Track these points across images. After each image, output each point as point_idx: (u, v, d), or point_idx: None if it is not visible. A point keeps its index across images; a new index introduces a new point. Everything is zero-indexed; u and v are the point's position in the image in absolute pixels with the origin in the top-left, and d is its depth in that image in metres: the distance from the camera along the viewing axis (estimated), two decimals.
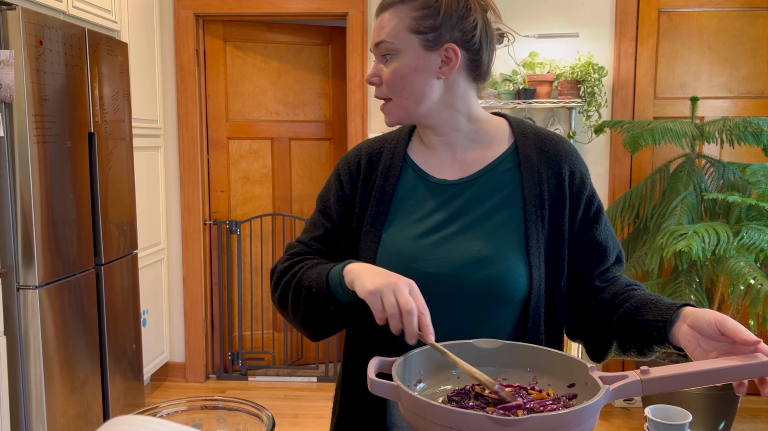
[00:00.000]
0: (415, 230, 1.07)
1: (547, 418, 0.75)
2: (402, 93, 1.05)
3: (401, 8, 1.03)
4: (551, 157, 1.09)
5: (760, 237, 2.56)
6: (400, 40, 1.03)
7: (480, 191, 1.08)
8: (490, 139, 1.11)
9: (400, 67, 1.04)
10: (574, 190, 1.09)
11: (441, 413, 0.76)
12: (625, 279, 1.13)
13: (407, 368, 0.94)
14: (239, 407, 0.94)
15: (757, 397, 3.53)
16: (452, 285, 1.03)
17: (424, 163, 1.12)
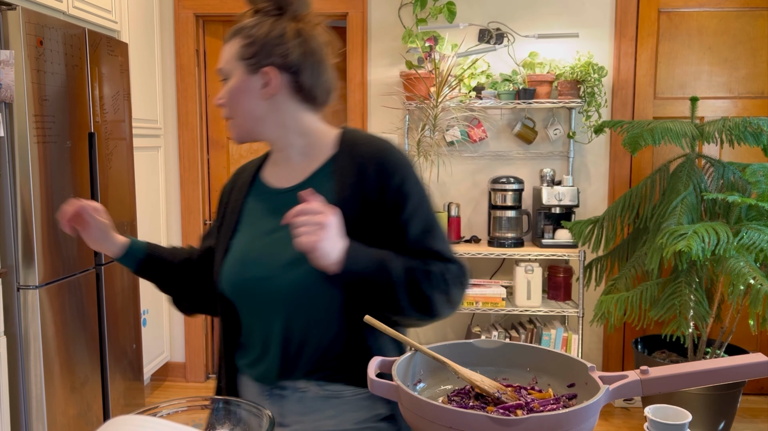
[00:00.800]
0: (252, 235, 1.21)
1: (547, 418, 0.75)
2: (236, 112, 1.20)
3: (234, 40, 1.21)
4: (361, 161, 1.17)
5: (759, 237, 2.56)
6: (231, 66, 1.20)
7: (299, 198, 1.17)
8: (318, 151, 1.22)
9: (231, 89, 1.19)
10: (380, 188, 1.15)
11: (441, 413, 0.76)
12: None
13: (407, 368, 0.94)
14: (239, 407, 0.94)
15: (757, 397, 3.53)
16: (274, 284, 1.14)
17: (269, 177, 1.27)
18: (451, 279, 1.14)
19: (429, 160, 3.45)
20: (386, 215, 1.15)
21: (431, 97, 3.23)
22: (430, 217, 1.17)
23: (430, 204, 1.19)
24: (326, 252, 1.03)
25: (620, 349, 3.61)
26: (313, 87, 1.20)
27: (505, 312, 3.30)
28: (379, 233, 1.15)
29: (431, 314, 1.13)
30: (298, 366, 1.16)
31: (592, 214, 3.51)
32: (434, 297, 1.11)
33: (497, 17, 3.46)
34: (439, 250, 1.16)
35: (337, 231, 1.05)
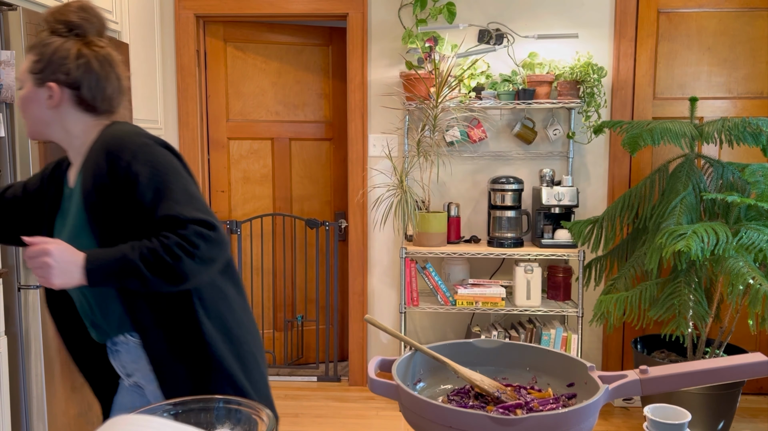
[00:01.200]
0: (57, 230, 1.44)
1: (546, 417, 0.75)
2: (27, 116, 1.41)
3: (29, 54, 1.39)
4: (96, 153, 1.34)
5: (759, 237, 2.56)
6: (23, 77, 1.39)
7: (74, 196, 1.41)
8: (84, 152, 1.42)
9: (21, 98, 1.40)
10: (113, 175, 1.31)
11: (441, 412, 0.76)
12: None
13: (407, 368, 0.94)
14: (239, 406, 0.95)
15: (756, 397, 3.53)
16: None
17: (71, 173, 1.47)
18: (194, 240, 1.24)
19: (429, 160, 3.45)
20: (124, 196, 1.29)
21: (431, 97, 3.24)
22: (165, 187, 1.28)
23: (165, 176, 1.30)
24: (64, 281, 1.22)
25: (619, 349, 3.61)
26: (94, 99, 1.39)
27: (504, 312, 3.31)
28: (125, 213, 1.31)
29: (185, 280, 1.26)
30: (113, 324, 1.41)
31: (592, 214, 3.52)
32: (182, 266, 1.24)
33: (497, 18, 3.46)
34: (177, 214, 1.26)
35: (64, 258, 1.22)
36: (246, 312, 1.47)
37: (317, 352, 3.98)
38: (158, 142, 1.35)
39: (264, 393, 1.45)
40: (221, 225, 1.30)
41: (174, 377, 1.34)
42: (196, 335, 1.34)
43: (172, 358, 1.34)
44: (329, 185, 4.05)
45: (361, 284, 3.67)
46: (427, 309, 3.33)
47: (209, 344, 1.34)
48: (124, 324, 1.40)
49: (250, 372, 1.41)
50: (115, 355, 1.45)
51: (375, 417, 3.31)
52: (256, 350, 1.45)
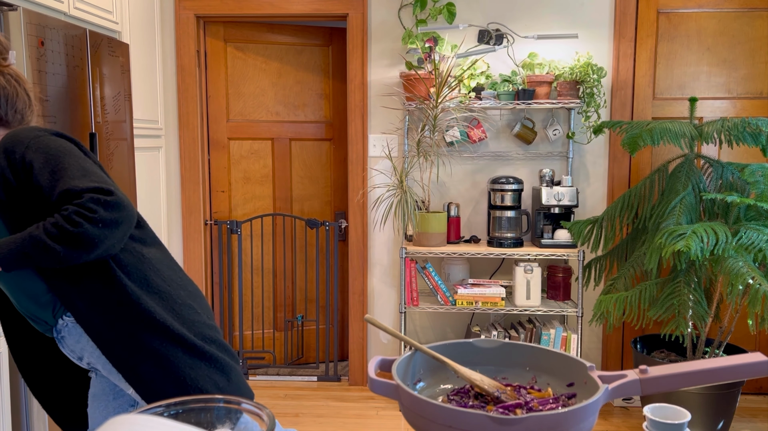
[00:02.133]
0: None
1: (546, 417, 0.76)
2: None
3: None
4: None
5: (758, 237, 2.56)
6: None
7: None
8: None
9: None
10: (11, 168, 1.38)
11: (441, 412, 0.77)
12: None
13: (407, 367, 0.95)
14: (240, 406, 0.95)
15: (755, 396, 3.54)
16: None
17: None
18: (90, 206, 1.31)
19: (429, 161, 3.46)
20: (24, 186, 1.37)
21: (431, 97, 3.24)
22: (59, 168, 1.36)
23: (58, 158, 1.37)
24: None
25: (619, 349, 3.62)
26: (6, 115, 1.50)
27: (504, 312, 3.31)
28: (30, 203, 1.37)
29: (94, 245, 1.31)
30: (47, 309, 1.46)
31: (591, 214, 3.52)
32: (85, 232, 1.29)
33: (497, 18, 3.46)
34: (72, 187, 1.33)
35: None
36: (174, 270, 1.54)
37: (317, 352, 3.98)
38: (51, 132, 1.43)
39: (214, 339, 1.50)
40: (120, 191, 1.37)
41: (114, 343, 1.40)
42: (122, 298, 1.40)
43: (107, 326, 1.40)
44: (329, 185, 4.05)
45: (361, 284, 3.67)
46: (427, 309, 3.34)
47: (137, 302, 1.40)
48: (57, 307, 1.47)
49: (191, 322, 1.47)
50: (62, 342, 1.50)
51: (375, 417, 3.32)
52: (192, 301, 1.51)
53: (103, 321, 1.40)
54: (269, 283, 3.96)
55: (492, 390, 0.92)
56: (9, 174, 1.38)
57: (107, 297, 1.40)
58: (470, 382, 0.93)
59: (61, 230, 1.29)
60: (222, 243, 3.83)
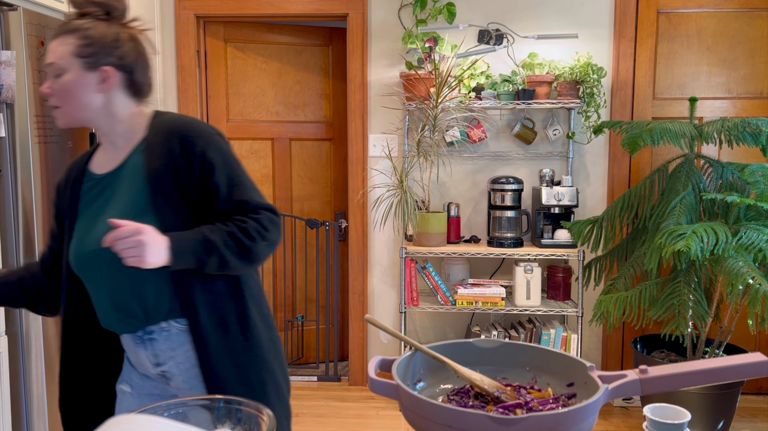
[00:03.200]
0: (87, 219, 1.39)
1: (546, 417, 0.76)
2: (69, 103, 1.35)
3: (67, 38, 1.33)
4: (171, 137, 1.36)
5: (758, 237, 2.56)
6: (66, 62, 1.33)
7: (120, 178, 1.38)
8: (132, 136, 1.41)
9: (66, 83, 1.34)
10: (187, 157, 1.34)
11: (441, 412, 0.77)
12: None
13: (407, 367, 0.95)
14: (240, 406, 0.95)
15: (755, 396, 3.54)
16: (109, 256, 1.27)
17: (95, 165, 1.44)
18: (266, 224, 1.34)
19: (429, 161, 3.45)
20: (197, 182, 1.34)
21: (431, 97, 3.24)
22: (237, 174, 1.38)
23: (236, 164, 1.39)
24: (153, 261, 1.23)
25: (619, 349, 3.62)
26: (143, 84, 1.42)
27: (504, 312, 3.31)
28: (191, 195, 1.35)
29: (256, 261, 1.35)
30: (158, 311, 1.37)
31: (591, 214, 3.52)
32: (256, 248, 1.33)
33: (497, 18, 3.46)
34: (249, 199, 1.36)
35: (154, 239, 1.23)
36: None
37: (317, 352, 3.98)
38: (220, 133, 1.42)
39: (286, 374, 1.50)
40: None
41: (217, 361, 1.35)
42: (242, 318, 1.38)
43: (219, 341, 1.36)
44: (329, 185, 4.05)
45: (361, 284, 3.67)
46: (427, 309, 3.33)
47: (252, 327, 1.39)
48: (170, 310, 1.37)
49: (279, 355, 1.47)
50: (147, 345, 1.40)
51: (375, 416, 3.32)
52: (276, 335, 1.51)
53: (217, 337, 1.36)
54: (269, 283, 3.96)
55: (492, 390, 0.92)
56: (182, 163, 1.34)
57: (228, 316, 1.37)
58: (470, 382, 0.93)
59: (238, 242, 1.30)
60: None
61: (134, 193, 1.35)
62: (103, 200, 1.39)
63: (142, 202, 1.33)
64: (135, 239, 1.20)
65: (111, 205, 1.36)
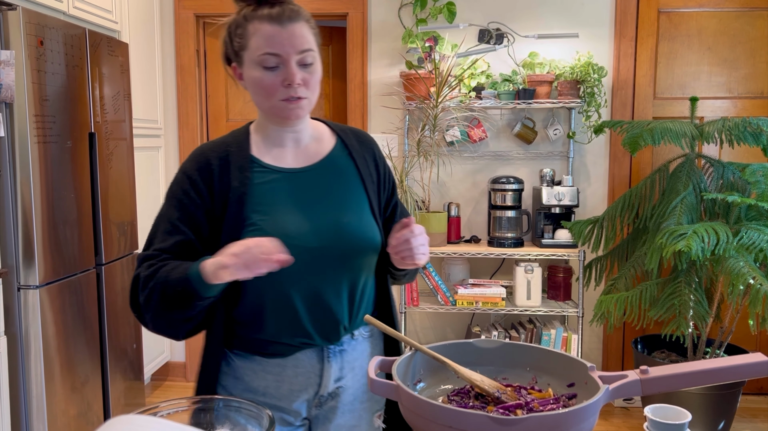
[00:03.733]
0: (287, 213, 1.25)
1: (547, 417, 0.75)
2: (316, 92, 1.28)
3: (305, 25, 1.24)
4: (367, 147, 1.40)
5: (759, 237, 2.56)
6: (316, 50, 1.26)
7: (328, 175, 1.32)
8: (321, 137, 1.38)
9: (318, 71, 1.27)
10: (382, 170, 1.41)
11: (441, 412, 0.76)
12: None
13: (408, 368, 0.94)
14: (239, 407, 0.95)
15: (756, 397, 3.53)
16: (332, 250, 1.25)
17: (272, 159, 1.33)
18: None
19: (429, 160, 3.45)
20: (386, 195, 1.40)
21: (431, 97, 3.24)
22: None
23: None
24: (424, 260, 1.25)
25: (620, 349, 3.61)
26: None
27: (505, 312, 3.31)
28: (382, 204, 1.39)
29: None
30: (359, 316, 1.32)
31: (592, 214, 3.51)
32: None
33: (497, 17, 3.46)
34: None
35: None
36: None
37: None
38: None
39: None
40: None
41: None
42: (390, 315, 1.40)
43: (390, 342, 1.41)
44: None
45: None
46: (427, 309, 3.33)
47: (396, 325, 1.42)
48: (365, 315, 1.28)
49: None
50: (336, 358, 1.30)
51: None
52: None
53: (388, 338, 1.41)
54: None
55: (492, 390, 0.91)
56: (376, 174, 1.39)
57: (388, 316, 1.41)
58: (470, 383, 0.93)
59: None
60: None
61: (351, 193, 1.32)
62: (308, 196, 1.28)
63: (363, 203, 1.33)
64: (425, 238, 1.23)
65: (329, 203, 1.28)
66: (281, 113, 1.26)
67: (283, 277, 1.17)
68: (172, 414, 0.92)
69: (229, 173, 1.28)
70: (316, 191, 1.29)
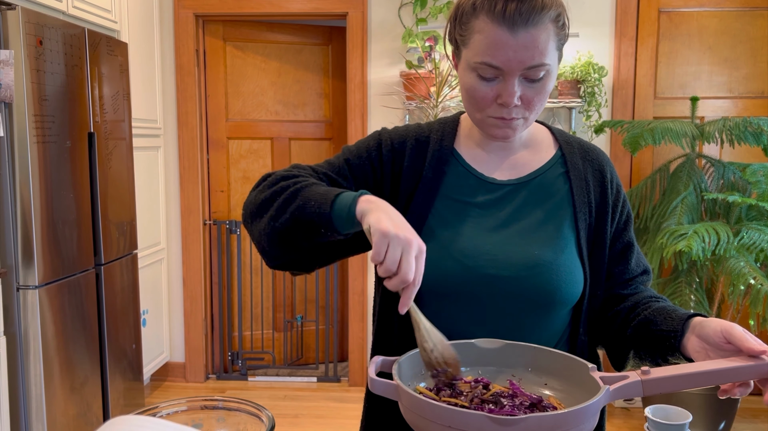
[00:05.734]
0: (471, 229, 1.06)
1: (547, 418, 0.75)
2: (538, 111, 1.03)
3: (549, 27, 0.97)
4: (595, 166, 1.11)
5: (760, 237, 2.55)
6: (552, 59, 0.99)
7: (532, 195, 1.09)
8: (538, 144, 1.13)
9: (548, 87, 1.01)
10: (613, 197, 1.12)
11: (441, 412, 0.76)
12: (650, 291, 1.14)
13: (407, 367, 0.94)
14: (239, 407, 0.94)
15: (757, 397, 3.52)
16: (513, 287, 1.03)
17: (474, 161, 1.12)
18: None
19: None
20: (612, 229, 1.10)
21: (431, 96, 3.23)
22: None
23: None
24: None
25: None
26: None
27: None
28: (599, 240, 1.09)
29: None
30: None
31: None
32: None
33: None
34: (648, 267, 1.16)
35: None
36: None
37: (317, 353, 3.97)
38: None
39: None
40: None
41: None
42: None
43: None
44: None
45: (361, 284, 3.66)
46: None
47: None
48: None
49: None
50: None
51: None
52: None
53: None
54: (269, 284, 3.95)
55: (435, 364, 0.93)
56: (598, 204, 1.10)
57: None
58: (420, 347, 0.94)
59: None
60: (221, 243, 3.82)
61: (554, 222, 1.07)
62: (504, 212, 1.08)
63: (569, 236, 1.07)
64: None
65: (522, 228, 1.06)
66: (489, 131, 1.05)
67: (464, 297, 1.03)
68: (172, 415, 0.92)
69: (424, 158, 1.11)
70: (514, 212, 1.07)
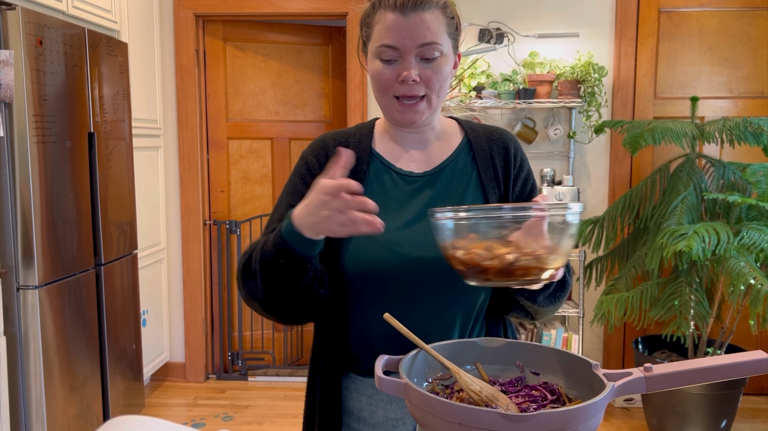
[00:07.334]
0: (395, 220, 1.13)
1: (556, 414, 0.75)
2: (440, 92, 1.13)
3: (437, 13, 1.09)
4: (500, 143, 1.22)
5: (760, 237, 2.55)
6: (445, 43, 1.10)
7: (446, 181, 1.18)
8: (448, 136, 1.23)
9: (444, 67, 1.11)
10: (516, 169, 1.21)
11: (451, 410, 0.76)
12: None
13: (414, 365, 0.94)
14: None
15: (757, 397, 3.53)
16: (438, 266, 1.05)
17: (392, 157, 1.20)
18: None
19: None
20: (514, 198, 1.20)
21: None
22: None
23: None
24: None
25: (620, 349, 3.61)
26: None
27: None
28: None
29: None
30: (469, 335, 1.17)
31: (593, 214, 3.51)
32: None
33: (497, 17, 3.46)
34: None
35: None
36: None
37: None
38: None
39: None
40: None
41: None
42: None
43: None
44: None
45: None
46: None
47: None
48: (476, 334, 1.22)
49: None
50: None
51: None
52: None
53: None
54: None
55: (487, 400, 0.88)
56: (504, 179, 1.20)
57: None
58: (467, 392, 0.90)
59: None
60: (221, 243, 3.82)
61: (470, 202, 1.16)
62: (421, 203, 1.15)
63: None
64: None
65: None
66: (396, 116, 1.13)
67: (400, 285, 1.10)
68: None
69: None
70: (431, 200, 1.15)
